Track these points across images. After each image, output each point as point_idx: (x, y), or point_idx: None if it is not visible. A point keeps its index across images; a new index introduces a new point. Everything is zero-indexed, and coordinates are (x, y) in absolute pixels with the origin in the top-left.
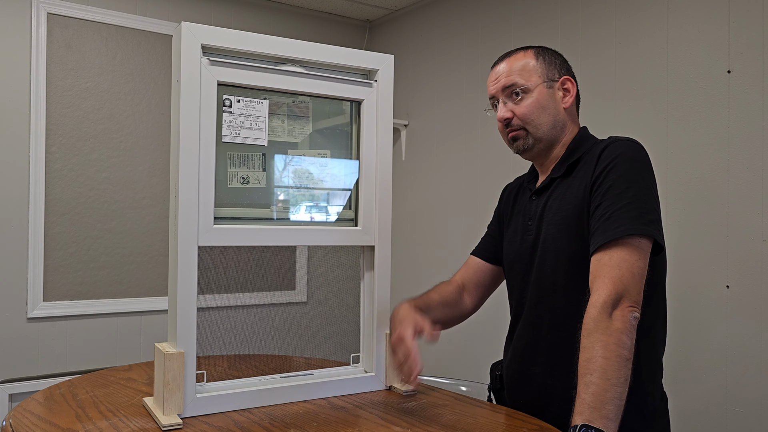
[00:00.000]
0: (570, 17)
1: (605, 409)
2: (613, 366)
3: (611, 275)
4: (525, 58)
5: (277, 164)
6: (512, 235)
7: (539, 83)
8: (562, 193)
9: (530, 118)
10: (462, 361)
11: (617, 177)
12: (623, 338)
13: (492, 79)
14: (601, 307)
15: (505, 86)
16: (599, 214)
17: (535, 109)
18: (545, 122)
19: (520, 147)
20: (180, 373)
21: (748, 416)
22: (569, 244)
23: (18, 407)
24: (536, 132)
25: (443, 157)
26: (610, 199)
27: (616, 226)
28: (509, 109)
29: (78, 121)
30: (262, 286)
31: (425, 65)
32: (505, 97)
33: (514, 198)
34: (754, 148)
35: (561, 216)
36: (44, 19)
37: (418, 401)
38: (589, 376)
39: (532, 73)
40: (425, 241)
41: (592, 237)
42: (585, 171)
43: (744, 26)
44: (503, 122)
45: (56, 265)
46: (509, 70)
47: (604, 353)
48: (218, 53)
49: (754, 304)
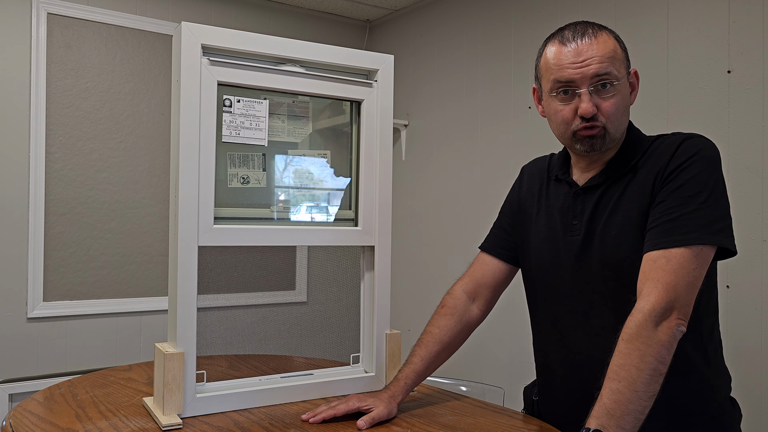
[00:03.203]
0: (570, 17)
1: (624, 419)
2: (645, 379)
3: (665, 281)
4: (611, 41)
5: (277, 164)
6: (546, 232)
7: (625, 75)
8: (619, 191)
9: (616, 117)
10: (462, 361)
11: (691, 177)
12: (663, 352)
13: (576, 61)
14: (648, 314)
15: (596, 74)
16: (663, 210)
17: (622, 107)
18: (624, 123)
19: (595, 147)
20: (180, 373)
21: (748, 416)
22: (633, 244)
23: (18, 407)
24: (615, 133)
25: (443, 157)
26: (680, 200)
27: (684, 231)
28: (595, 104)
29: (78, 121)
30: (262, 286)
31: (425, 65)
32: (591, 86)
33: (539, 188)
34: (754, 148)
35: (623, 217)
36: (44, 19)
37: (418, 401)
38: (617, 382)
39: (621, 63)
40: (425, 241)
41: (649, 232)
42: (651, 165)
43: (744, 26)
44: (585, 117)
45: (56, 265)
46: (602, 54)
47: (639, 363)
48: (218, 53)
49: (754, 304)
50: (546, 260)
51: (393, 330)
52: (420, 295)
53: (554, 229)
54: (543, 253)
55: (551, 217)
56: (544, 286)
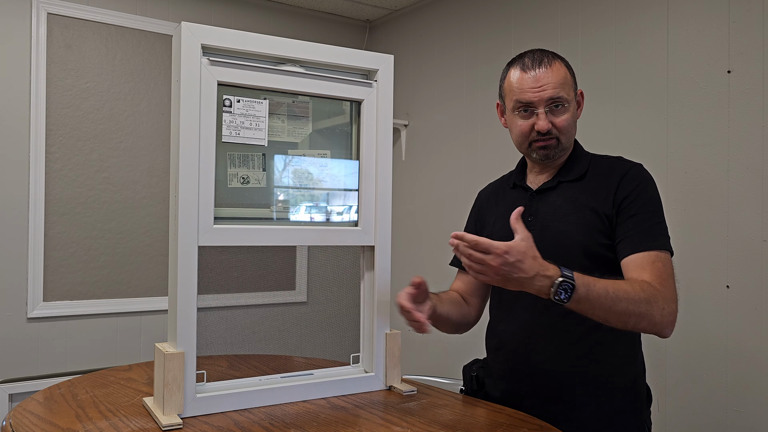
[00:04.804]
0: (570, 18)
1: (592, 296)
2: (632, 297)
3: (655, 271)
4: (562, 69)
5: (277, 164)
6: (504, 232)
7: (573, 98)
8: (572, 195)
9: (567, 131)
10: (462, 361)
11: (649, 197)
12: (654, 320)
13: (533, 86)
14: (661, 293)
15: (551, 98)
16: (637, 221)
17: (571, 122)
18: (573, 134)
19: (549, 156)
20: (180, 373)
21: (748, 416)
22: (584, 238)
23: (18, 407)
24: (567, 143)
25: (443, 157)
26: (647, 213)
27: (655, 239)
28: (550, 121)
29: (78, 121)
30: (262, 286)
31: (425, 65)
32: (546, 107)
33: (495, 199)
34: (754, 148)
35: (576, 216)
36: (44, 19)
37: (418, 401)
38: (613, 288)
39: (570, 87)
40: (425, 241)
41: (629, 237)
42: (604, 182)
43: (744, 26)
44: (541, 132)
45: (56, 265)
46: (555, 81)
47: (636, 294)
48: (218, 53)
49: (754, 304)
50: None
51: (393, 330)
52: None
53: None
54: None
55: (507, 219)
56: None
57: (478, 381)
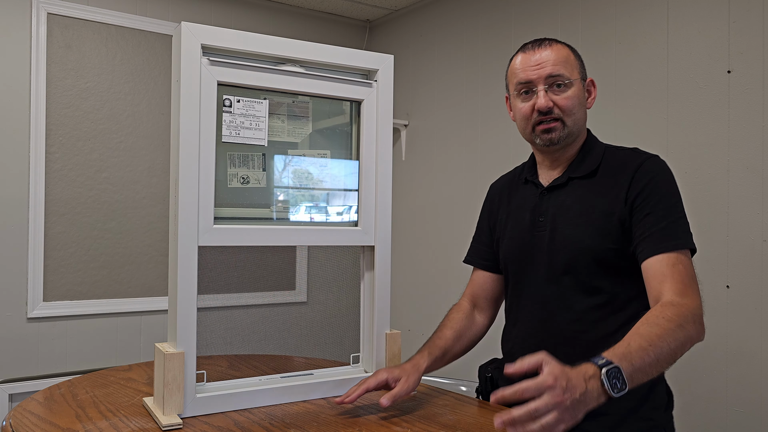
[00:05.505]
0: (570, 17)
1: (631, 353)
2: (666, 334)
3: (676, 277)
4: (564, 49)
5: (277, 164)
6: (515, 231)
7: (578, 78)
8: (583, 193)
9: (572, 111)
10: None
11: (664, 193)
12: (687, 319)
13: (531, 65)
14: (689, 309)
15: (550, 74)
16: (653, 220)
17: (576, 103)
18: (580, 117)
19: (554, 139)
20: (180, 373)
21: (748, 416)
22: (594, 243)
23: (18, 407)
24: (573, 125)
25: (443, 157)
26: (663, 211)
27: (676, 238)
28: (552, 99)
29: (78, 121)
30: (262, 286)
31: (425, 65)
32: (546, 85)
33: (508, 194)
34: (754, 148)
35: (586, 218)
36: (44, 19)
37: (418, 401)
38: (649, 335)
39: (574, 67)
40: (425, 241)
41: (646, 238)
42: (616, 179)
43: (744, 26)
44: (542, 111)
45: (56, 265)
46: (555, 59)
47: (667, 327)
48: (218, 53)
49: (754, 304)
50: (515, 256)
51: (393, 330)
52: (420, 295)
53: (523, 227)
54: (512, 250)
55: (520, 217)
56: (514, 279)
57: (492, 382)
